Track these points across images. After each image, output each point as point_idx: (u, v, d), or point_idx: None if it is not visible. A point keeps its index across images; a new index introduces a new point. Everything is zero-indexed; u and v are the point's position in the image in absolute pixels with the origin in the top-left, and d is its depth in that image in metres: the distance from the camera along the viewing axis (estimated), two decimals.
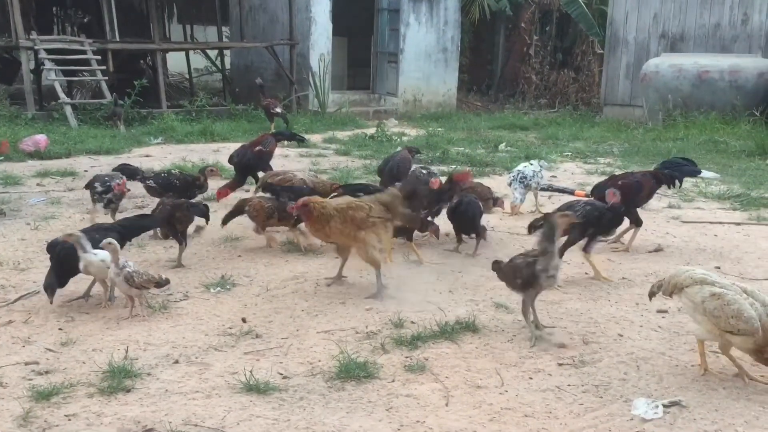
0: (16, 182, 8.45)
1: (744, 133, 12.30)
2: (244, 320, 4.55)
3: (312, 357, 4.05)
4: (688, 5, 15.31)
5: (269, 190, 6.74)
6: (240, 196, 8.05)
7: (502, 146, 12.13)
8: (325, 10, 16.56)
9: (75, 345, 4.14)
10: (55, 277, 4.59)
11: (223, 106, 16.06)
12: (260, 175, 7.83)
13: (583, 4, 18.31)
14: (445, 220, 6.28)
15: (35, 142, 10.30)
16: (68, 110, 13.29)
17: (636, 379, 3.82)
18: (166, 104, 15.22)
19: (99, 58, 14.55)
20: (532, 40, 20.22)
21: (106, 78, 14.37)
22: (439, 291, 5.14)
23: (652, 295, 4.19)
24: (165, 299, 4.85)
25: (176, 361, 3.95)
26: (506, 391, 3.68)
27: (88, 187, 6.56)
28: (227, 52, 20.15)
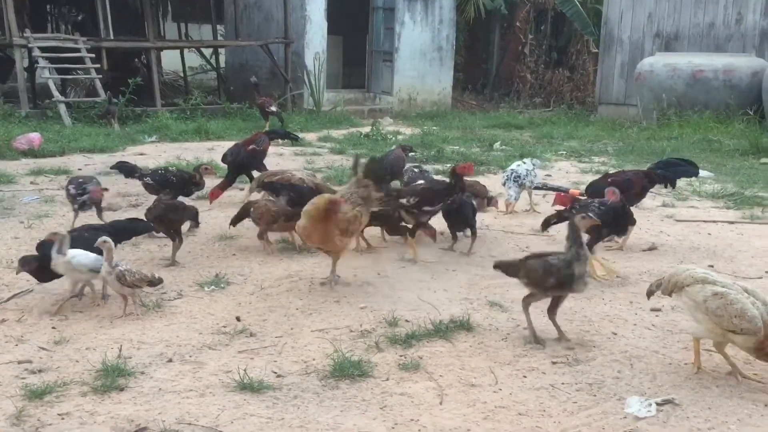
0: (9, 180, 8.42)
1: (738, 132, 12.33)
2: (238, 319, 4.54)
3: (306, 355, 4.04)
4: (682, 5, 15.35)
5: (269, 189, 6.72)
6: (232, 195, 8.04)
7: (497, 145, 12.14)
8: (320, 9, 16.54)
9: (68, 343, 4.13)
10: (35, 262, 4.61)
11: (217, 104, 16.03)
12: (254, 174, 7.84)
13: (577, 3, 18.34)
14: (441, 221, 6.28)
15: (29, 141, 10.27)
16: (62, 108, 13.25)
17: (629, 378, 3.83)
18: (161, 102, 15.19)
19: (93, 56, 14.51)
20: (527, 39, 20.24)
21: (100, 76, 14.33)
22: (433, 290, 5.14)
23: (651, 293, 4.19)
24: (159, 298, 4.84)
25: (170, 360, 3.94)
26: (500, 390, 3.68)
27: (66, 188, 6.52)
28: (222, 51, 20.12)
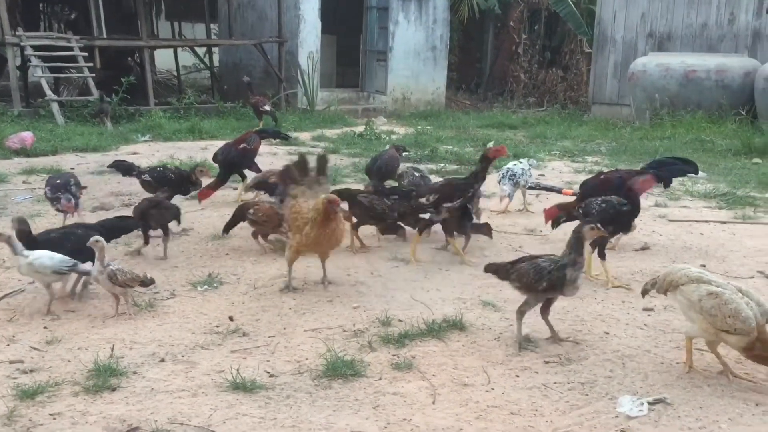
0: (1, 180, 8.39)
1: (730, 132, 12.37)
2: (231, 318, 4.53)
3: (299, 355, 4.04)
4: (675, 5, 15.39)
5: (265, 189, 6.71)
6: (226, 194, 8.02)
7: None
8: (313, 8, 16.52)
9: (60, 343, 4.12)
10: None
11: (211, 103, 15.99)
12: (248, 173, 7.83)
13: (571, 3, 18.36)
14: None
15: (21, 140, 10.22)
16: (55, 107, 13.20)
17: (621, 377, 3.84)
18: (154, 101, 15.13)
19: (86, 54, 14.46)
20: (521, 38, 20.25)
21: (93, 75, 14.28)
22: (426, 289, 5.14)
23: (645, 292, 4.20)
24: (151, 297, 4.83)
25: (162, 360, 3.93)
26: (493, 389, 3.69)
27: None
28: (216, 50, 20.07)
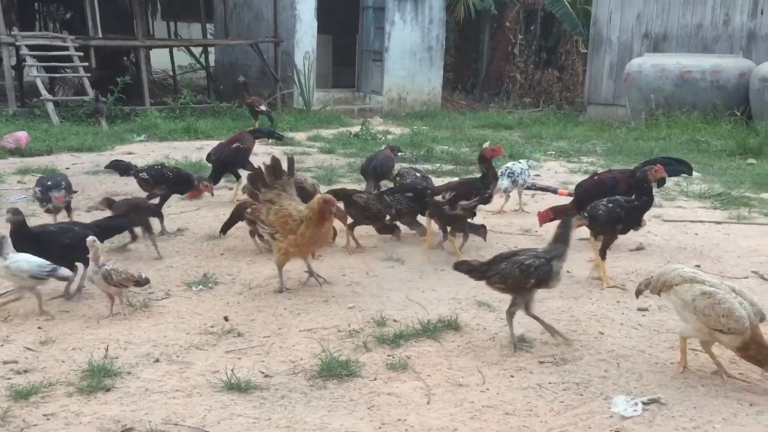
0: None
1: (725, 132, 12.40)
2: (226, 319, 4.53)
3: (294, 355, 4.04)
4: (670, 6, 15.42)
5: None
6: (221, 195, 8.01)
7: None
8: (310, 8, 16.51)
9: (54, 344, 4.11)
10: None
11: (207, 103, 15.98)
12: (243, 173, 7.81)
13: (567, 4, 18.39)
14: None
15: (16, 139, 10.20)
16: (50, 107, 13.17)
17: (616, 377, 3.85)
18: (150, 101, 15.11)
19: (81, 54, 14.44)
20: (517, 39, 20.28)
21: (89, 75, 14.25)
22: (421, 289, 5.15)
23: (639, 293, 4.21)
24: (146, 298, 4.82)
25: (157, 360, 3.93)
26: (487, 389, 3.69)
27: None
28: (211, 50, 20.06)
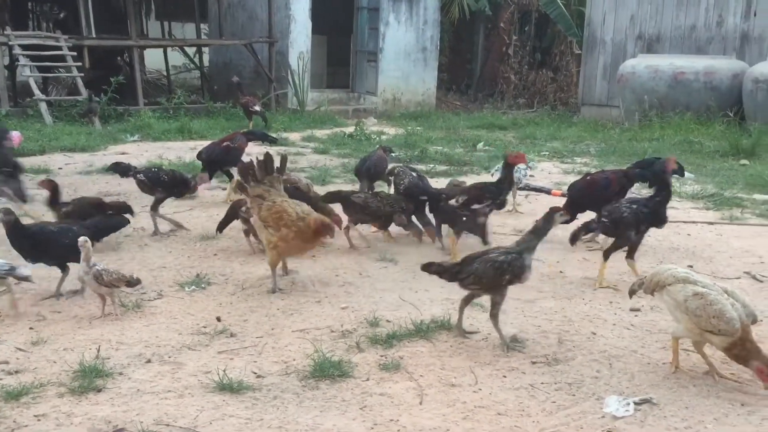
0: None
1: (718, 133, 12.45)
2: (218, 319, 4.52)
3: (286, 356, 4.03)
4: (664, 7, 15.47)
5: None
6: (215, 195, 7.99)
7: (480, 145, 12.18)
8: (304, 8, 16.51)
9: (46, 344, 4.09)
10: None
11: (201, 103, 15.96)
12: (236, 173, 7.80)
13: (561, 5, 18.43)
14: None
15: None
16: (43, 107, 13.13)
17: (608, 377, 3.86)
18: (144, 101, 15.09)
19: (75, 54, 14.40)
20: (511, 40, 20.31)
21: (82, 74, 14.21)
22: (415, 290, 5.14)
23: (633, 293, 4.22)
24: (139, 298, 4.81)
25: (149, 361, 3.91)
26: (480, 390, 3.69)
27: None
28: (206, 50, 20.02)
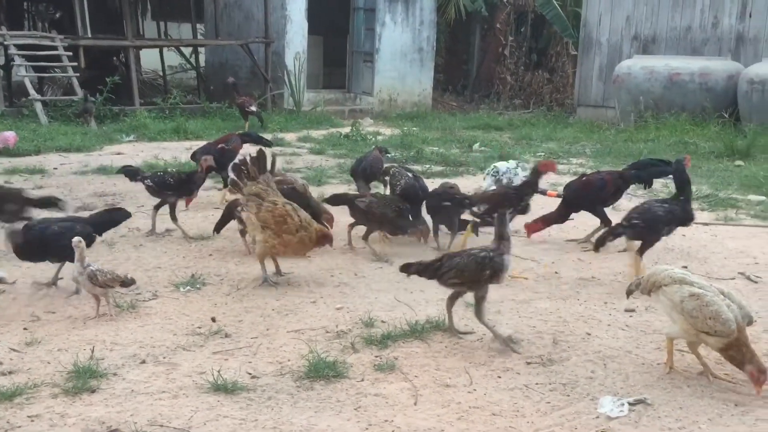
0: None
1: (713, 134, 12.47)
2: (213, 320, 4.51)
3: (281, 356, 4.03)
4: (660, 8, 15.50)
5: None
6: (210, 195, 7.98)
7: (476, 146, 12.19)
8: (300, 9, 16.50)
9: (40, 345, 4.08)
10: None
11: (197, 103, 15.93)
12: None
13: (557, 6, 18.45)
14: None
15: (4, 139, 10.13)
16: (38, 107, 13.10)
17: (603, 378, 3.86)
18: (139, 101, 15.06)
19: (70, 54, 14.37)
20: (507, 40, 20.32)
21: (78, 74, 14.18)
22: (410, 290, 5.13)
23: (630, 293, 4.23)
24: (133, 298, 4.80)
25: (143, 361, 3.91)
26: (475, 390, 3.69)
27: None
28: (202, 50, 20.00)
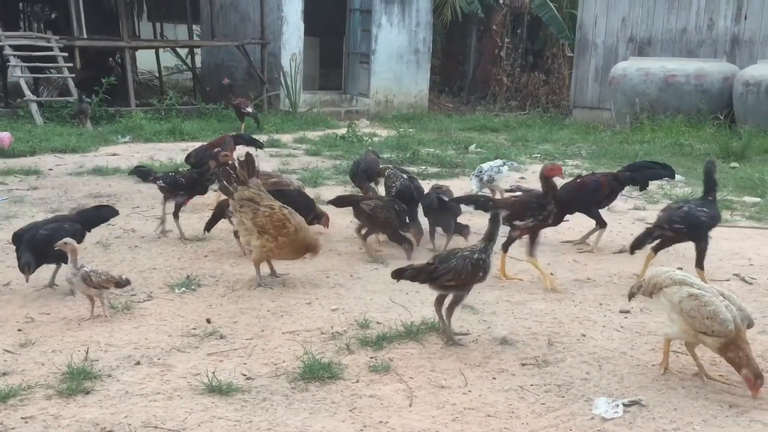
0: None
1: (708, 136, 12.50)
2: (208, 321, 4.50)
3: (276, 358, 4.02)
4: (655, 10, 15.54)
5: None
6: (207, 195, 7.96)
7: (472, 147, 12.19)
8: (296, 10, 16.49)
9: (34, 346, 4.07)
10: (31, 256, 4.68)
11: (193, 105, 15.92)
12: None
13: (553, 8, 18.48)
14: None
15: None
16: (34, 107, 13.08)
17: (597, 379, 3.86)
18: (135, 102, 15.03)
19: (66, 55, 14.34)
20: (504, 42, 20.34)
21: (73, 75, 14.16)
22: (405, 291, 5.13)
23: (632, 295, 4.23)
24: (128, 300, 4.79)
25: (138, 363, 3.90)
26: (470, 391, 3.69)
27: None
28: (198, 51, 19.98)
